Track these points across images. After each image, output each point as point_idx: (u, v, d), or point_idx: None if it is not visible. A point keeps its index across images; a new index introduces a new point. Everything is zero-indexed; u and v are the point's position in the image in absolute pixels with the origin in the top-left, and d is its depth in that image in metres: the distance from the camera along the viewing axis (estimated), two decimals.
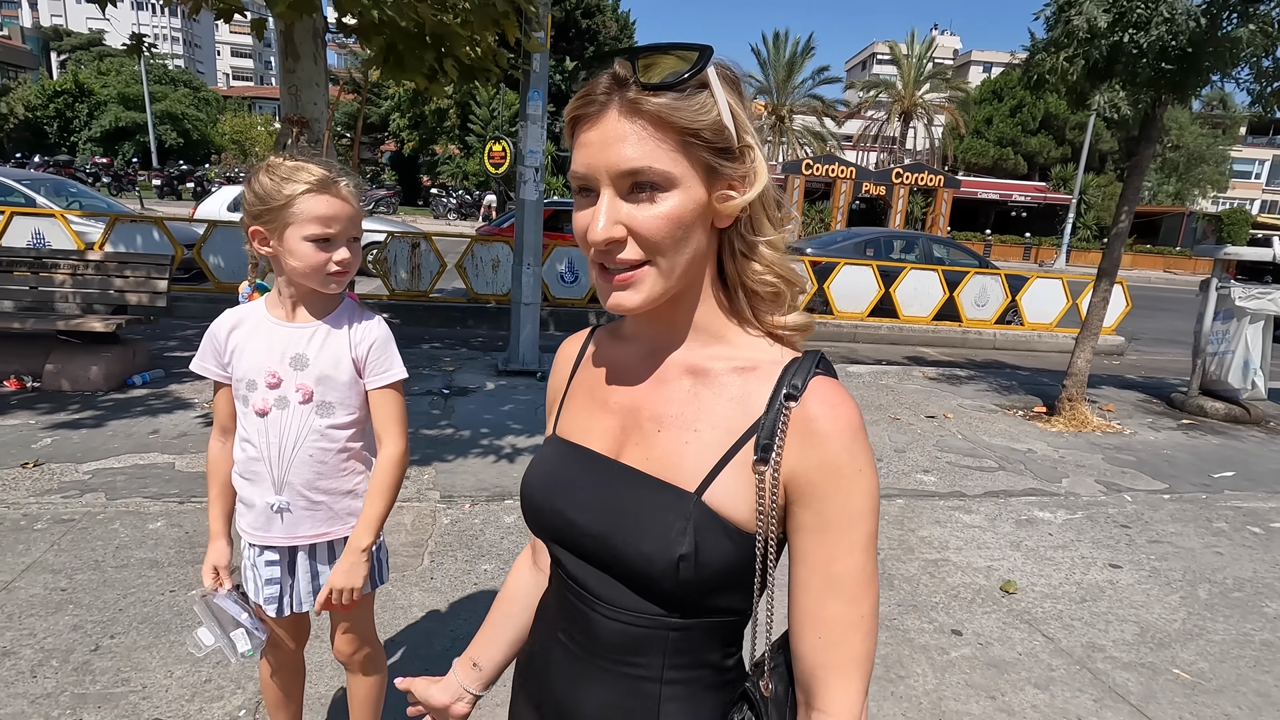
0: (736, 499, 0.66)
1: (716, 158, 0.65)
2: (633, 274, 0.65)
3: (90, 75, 35.34)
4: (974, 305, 10.16)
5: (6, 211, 7.90)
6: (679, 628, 0.69)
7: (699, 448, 0.68)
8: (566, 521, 0.73)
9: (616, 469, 0.72)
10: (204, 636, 1.43)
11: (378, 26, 3.98)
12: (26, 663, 2.07)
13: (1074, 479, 4.32)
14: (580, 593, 0.72)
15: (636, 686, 0.71)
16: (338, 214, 1.29)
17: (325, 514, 1.45)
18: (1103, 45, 4.74)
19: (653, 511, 0.67)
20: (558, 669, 0.76)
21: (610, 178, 0.63)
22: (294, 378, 1.37)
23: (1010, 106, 33.29)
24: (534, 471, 0.79)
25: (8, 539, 2.72)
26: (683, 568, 0.64)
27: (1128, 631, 2.71)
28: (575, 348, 0.86)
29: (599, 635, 0.71)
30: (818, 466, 0.64)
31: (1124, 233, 5.44)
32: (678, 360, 0.73)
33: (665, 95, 0.62)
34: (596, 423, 0.77)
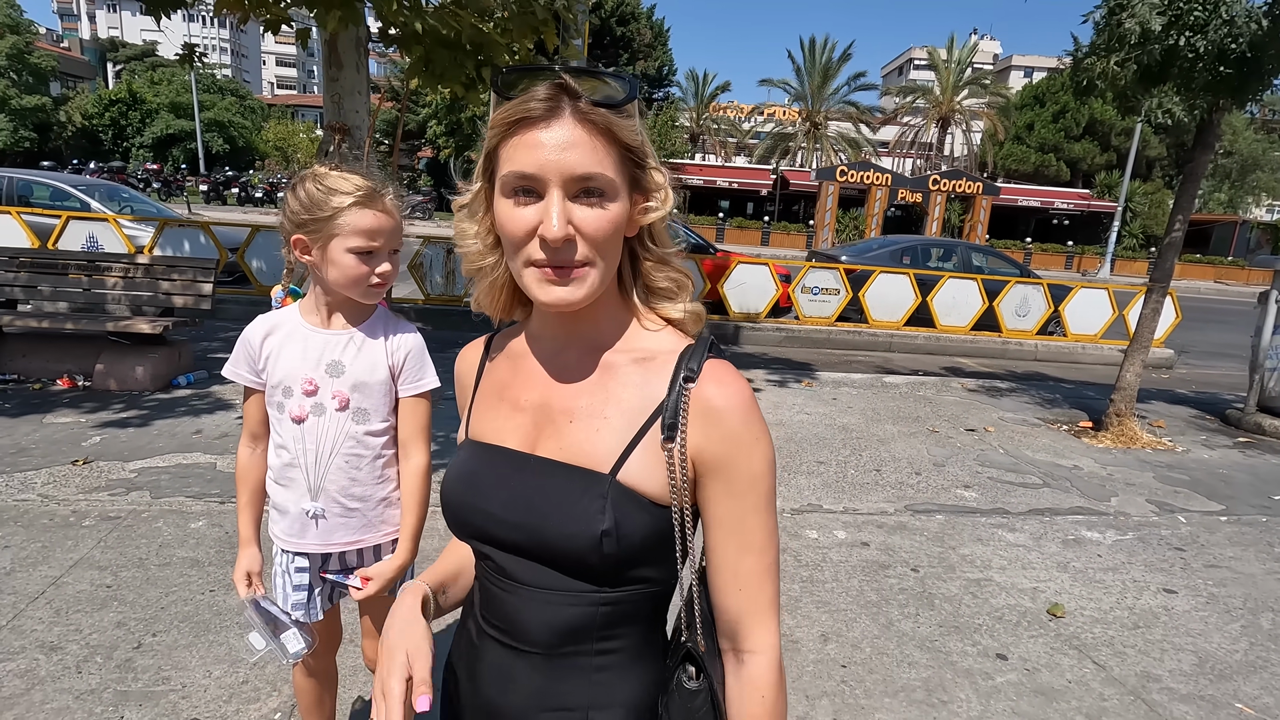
0: (648, 475, 0.72)
1: (639, 172, 0.73)
2: (578, 272, 0.69)
3: (143, 85, 36.71)
4: (1014, 315, 9.89)
5: (63, 216, 8.21)
6: (608, 601, 0.74)
7: (609, 433, 0.73)
8: (490, 518, 0.76)
9: (533, 462, 0.76)
10: (256, 641, 1.44)
11: (418, 36, 4.04)
12: (73, 658, 2.11)
13: (1124, 498, 4.16)
14: (509, 584, 0.76)
15: (569, 663, 0.75)
16: (381, 227, 1.29)
17: (359, 521, 1.45)
18: (1156, 49, 4.57)
19: (572, 495, 0.72)
20: (489, 665, 0.78)
21: (562, 180, 0.67)
22: (330, 384, 1.38)
23: (1053, 112, 32.54)
24: (451, 476, 0.81)
25: (57, 535, 2.80)
26: (605, 542, 0.69)
27: (1185, 661, 2.58)
28: (477, 354, 0.90)
29: (532, 621, 0.75)
30: (720, 440, 0.71)
31: (1178, 243, 5.23)
32: (584, 355, 0.78)
33: (611, 112, 0.68)
34: (508, 421, 0.80)
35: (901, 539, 3.40)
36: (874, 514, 3.65)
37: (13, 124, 33.12)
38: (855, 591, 2.88)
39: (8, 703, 1.92)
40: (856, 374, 7.08)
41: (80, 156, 32.84)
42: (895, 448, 4.75)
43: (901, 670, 2.39)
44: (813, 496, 3.80)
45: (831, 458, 4.44)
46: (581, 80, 0.69)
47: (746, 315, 9.20)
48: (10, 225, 8.05)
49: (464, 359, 0.91)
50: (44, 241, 8.00)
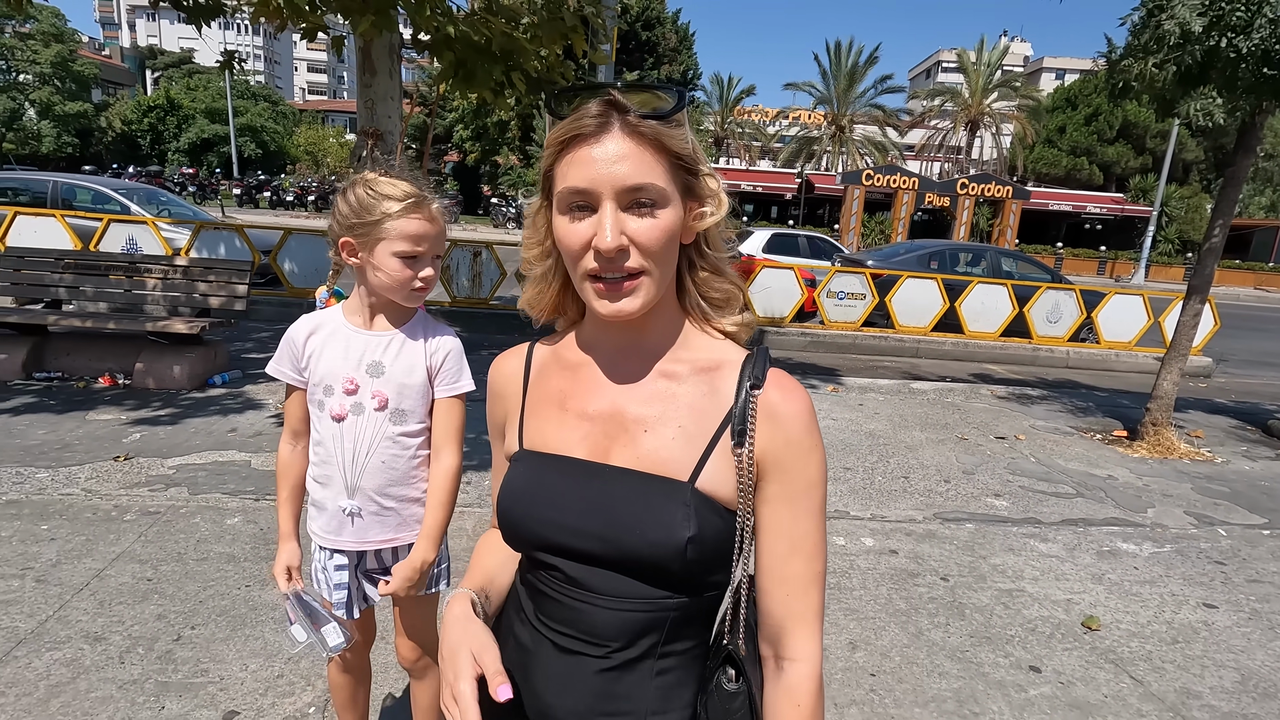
0: (722, 481, 0.74)
1: (692, 180, 0.74)
2: (633, 282, 0.71)
3: (180, 91, 37.69)
4: (1045, 321, 9.72)
5: (104, 219, 8.46)
6: (678, 607, 0.75)
7: (684, 441, 0.75)
8: (561, 528, 0.76)
9: (608, 471, 0.76)
10: (297, 634, 1.49)
11: (449, 42, 4.10)
12: (116, 649, 2.17)
13: (1160, 509, 4.06)
14: (581, 593, 0.76)
15: (632, 668, 0.75)
16: (426, 233, 1.32)
17: (394, 520, 1.48)
18: (1196, 50, 4.47)
19: (655, 504, 0.72)
20: (547, 671, 0.78)
21: (614, 192, 0.69)
22: (370, 384, 1.40)
23: (1085, 114, 31.91)
24: (512, 487, 0.81)
25: (100, 528, 2.88)
26: (690, 549, 0.71)
27: (1227, 678, 2.51)
28: (518, 363, 0.89)
29: (601, 629, 0.75)
30: (783, 444, 0.73)
31: (1217, 249, 5.10)
32: (648, 364, 0.79)
33: (659, 123, 0.70)
34: (574, 431, 0.80)
35: (931, 547, 3.35)
36: (902, 521, 3.61)
37: (56, 130, 34.21)
38: (884, 599, 2.85)
39: (55, 690, 1.98)
40: (883, 379, 7.00)
41: (119, 161, 33.83)
42: (923, 455, 4.69)
43: (932, 680, 2.36)
44: (840, 503, 3.77)
45: (859, 464, 4.40)
46: (630, 94, 0.71)
47: (771, 320, 9.16)
48: (54, 227, 8.32)
49: (503, 368, 0.90)
50: (86, 243, 8.25)
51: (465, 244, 8.89)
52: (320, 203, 28.20)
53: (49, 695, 1.96)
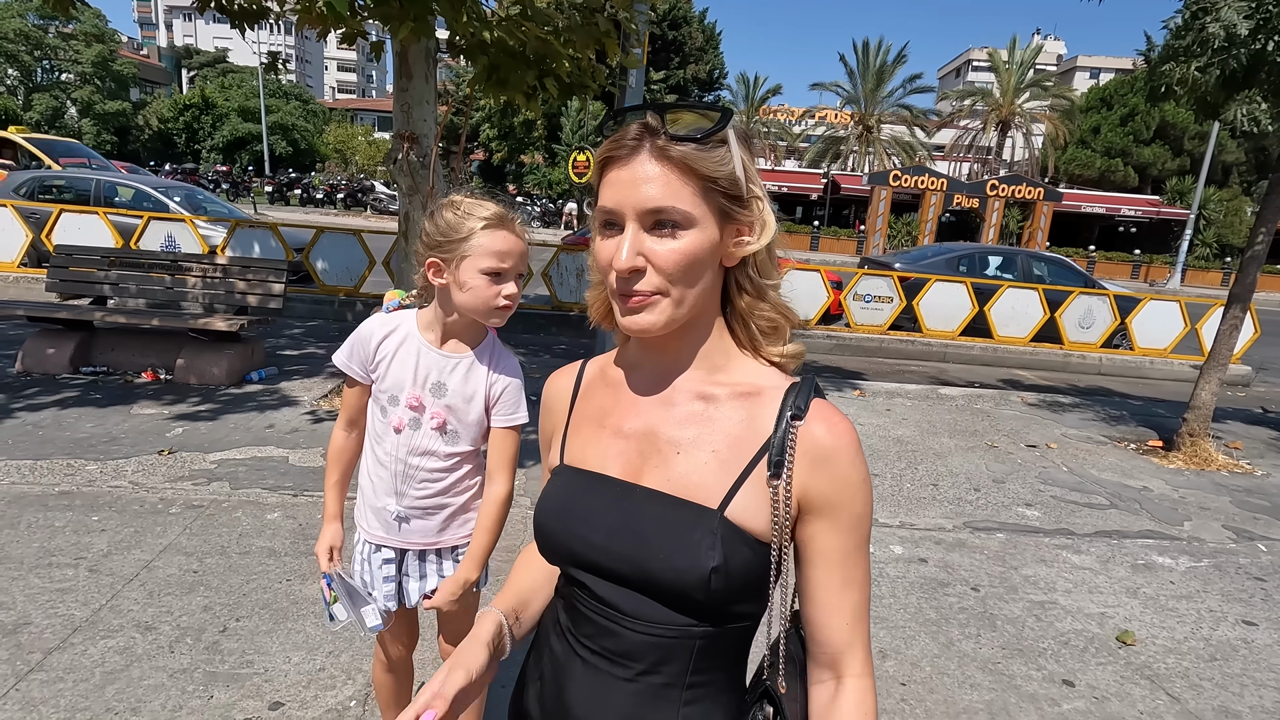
0: (754, 512, 0.72)
1: (731, 204, 0.73)
2: (650, 300, 0.72)
3: (215, 90, 38.48)
4: (1077, 327, 9.55)
5: (144, 216, 8.70)
6: (704, 636, 0.74)
7: (716, 467, 0.74)
8: (591, 546, 0.77)
9: (639, 492, 0.76)
10: (338, 612, 1.54)
11: (483, 46, 4.14)
12: (165, 638, 2.25)
13: (1198, 522, 3.98)
14: (608, 612, 0.76)
15: (659, 693, 0.75)
16: (511, 249, 1.35)
17: (438, 525, 1.52)
18: (1242, 54, 4.38)
19: (681, 530, 0.72)
20: (578, 686, 0.79)
21: (636, 214, 0.70)
22: (432, 404, 1.44)
23: (1121, 115, 31.23)
24: (547, 501, 0.82)
25: (147, 520, 2.97)
26: (714, 579, 0.70)
27: (1267, 698, 2.46)
28: (569, 380, 0.90)
29: (627, 649, 0.75)
30: (829, 480, 0.72)
31: (1261, 255, 4.99)
32: (686, 386, 0.79)
33: (690, 146, 0.70)
34: (610, 449, 0.81)
35: (961, 556, 3.33)
36: (931, 530, 3.59)
37: (96, 128, 35.14)
38: (914, 609, 2.84)
39: (110, 677, 2.06)
40: (910, 384, 6.94)
41: (156, 159, 34.63)
42: (952, 462, 4.65)
43: (963, 691, 2.35)
44: None
45: (886, 470, 4.38)
46: (678, 114, 0.71)
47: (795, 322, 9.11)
48: (97, 225, 8.57)
49: (555, 384, 0.92)
50: (127, 240, 8.49)
51: None
52: (349, 200, 28.63)
53: (104, 682, 2.04)
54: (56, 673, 2.06)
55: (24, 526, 2.84)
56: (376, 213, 27.31)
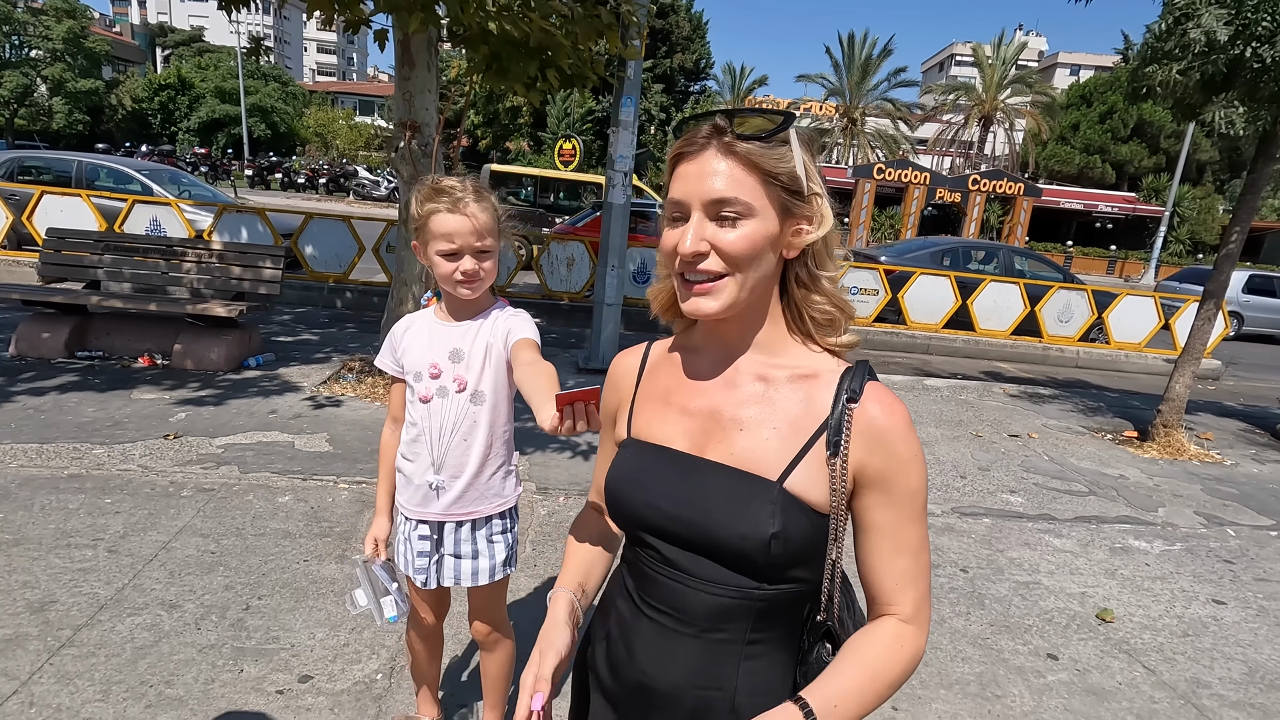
0: (812, 485, 0.79)
1: (791, 199, 0.79)
2: (712, 284, 0.79)
3: (191, 70, 37.63)
4: (1056, 321, 9.81)
5: (129, 199, 8.57)
6: (764, 597, 0.81)
7: (777, 443, 0.81)
8: (660, 512, 0.84)
9: (704, 465, 0.84)
10: (359, 597, 1.62)
11: (486, 36, 4.18)
12: (191, 616, 2.31)
13: (1171, 509, 4.18)
14: (675, 574, 0.84)
15: (721, 649, 0.83)
16: (458, 230, 1.42)
17: (475, 493, 1.60)
18: (1221, 59, 4.54)
19: (744, 499, 0.79)
20: (645, 643, 0.86)
21: (701, 204, 0.78)
22: (452, 370, 1.54)
23: (1100, 112, 31.74)
24: (618, 471, 0.90)
25: (160, 503, 3.01)
26: (773, 544, 0.77)
27: (1235, 670, 2.64)
28: (635, 360, 0.98)
29: (692, 608, 0.83)
30: (884, 457, 0.79)
31: (1234, 254, 5.18)
32: (747, 369, 0.86)
33: (754, 144, 0.77)
34: (675, 425, 0.88)
35: (950, 540, 3.48)
36: None
37: (68, 107, 34.22)
38: None
39: (140, 652, 2.12)
40: (896, 375, 7.11)
41: (130, 140, 33.84)
42: (939, 450, 4.81)
43: (955, 664, 2.49)
44: None
45: None
46: (741, 118, 0.78)
47: None
48: (80, 207, 8.44)
49: (622, 362, 1.00)
50: (110, 223, 8.37)
51: None
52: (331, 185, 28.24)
53: (136, 657, 2.10)
54: (88, 648, 2.11)
55: (38, 508, 2.87)
56: (360, 198, 26.99)
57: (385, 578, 1.64)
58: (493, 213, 1.46)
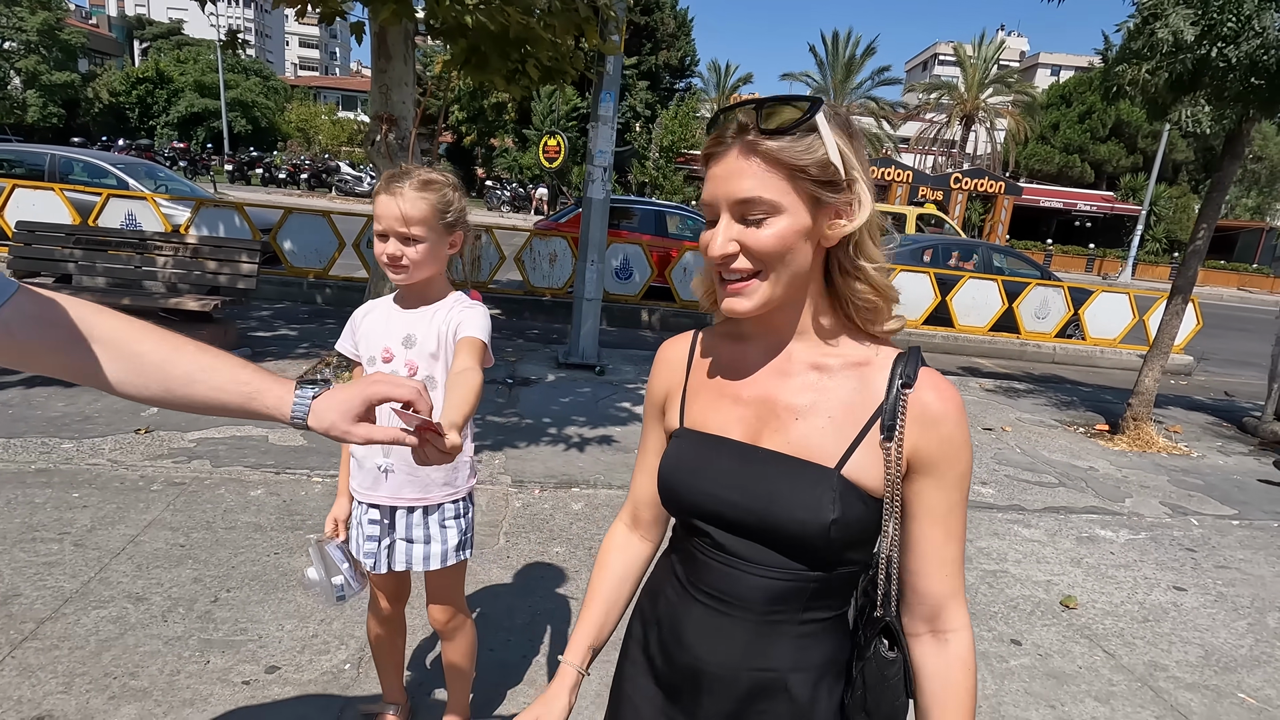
0: (867, 471, 0.80)
1: (821, 190, 0.77)
2: (745, 284, 0.79)
3: (169, 63, 37.04)
4: (1034, 317, 9.94)
5: (104, 194, 8.44)
6: (817, 580, 0.83)
7: (833, 431, 0.82)
8: (718, 500, 0.85)
9: (760, 454, 0.84)
10: (311, 574, 1.64)
11: (464, 29, 4.17)
12: (157, 608, 2.30)
13: (1138, 499, 4.26)
14: (726, 558, 0.85)
15: (774, 630, 0.84)
16: (385, 213, 1.45)
17: (424, 480, 1.60)
18: (1188, 58, 4.63)
19: (803, 486, 0.80)
20: (698, 626, 0.87)
21: (728, 205, 0.78)
22: (404, 354, 1.55)
23: (1079, 112, 32.15)
24: (674, 460, 0.90)
25: (129, 497, 2.99)
26: (833, 529, 0.78)
27: (1191, 653, 2.70)
28: (682, 349, 0.97)
29: (746, 593, 0.84)
30: (937, 441, 0.79)
31: (1201, 250, 5.29)
32: (800, 357, 0.86)
33: (777, 139, 0.75)
34: (730, 414, 0.88)
35: None
36: None
37: (42, 100, 33.56)
38: None
39: (105, 645, 2.11)
40: None
41: (107, 134, 33.27)
42: None
43: None
44: None
45: None
46: (769, 109, 0.76)
47: None
48: (53, 201, 8.29)
49: (669, 351, 0.99)
50: (85, 218, 8.24)
51: None
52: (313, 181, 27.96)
53: (100, 649, 2.09)
54: (51, 641, 2.10)
55: (3, 503, 2.83)
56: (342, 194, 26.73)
57: (338, 557, 1.65)
58: (431, 205, 1.46)
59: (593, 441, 4.21)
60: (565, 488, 3.57)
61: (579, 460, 3.91)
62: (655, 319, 9.13)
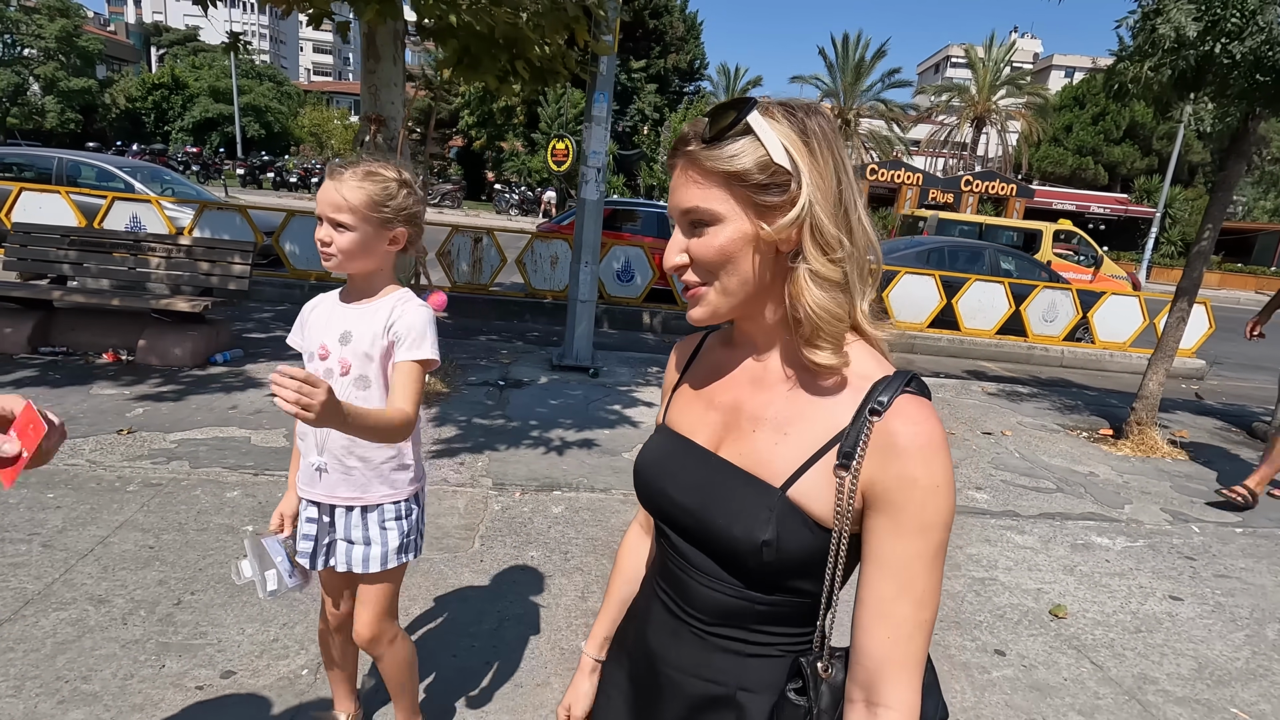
0: (817, 497, 0.73)
1: (759, 194, 0.72)
2: (694, 292, 0.79)
3: (185, 69, 37.52)
4: (1041, 320, 9.79)
5: (109, 196, 8.52)
6: (764, 603, 0.78)
7: (787, 449, 0.77)
8: (670, 501, 0.85)
9: (714, 461, 0.82)
10: (244, 567, 1.60)
11: (453, 29, 4.14)
12: (119, 610, 2.27)
13: (1138, 505, 4.15)
14: (680, 562, 0.84)
15: (724, 643, 0.81)
16: (321, 197, 1.42)
17: (359, 479, 1.56)
18: (1191, 55, 4.52)
19: (742, 500, 0.77)
20: (656, 623, 0.88)
21: (677, 216, 0.78)
22: (339, 352, 1.51)
23: (1093, 114, 31.82)
24: (645, 455, 0.92)
25: (104, 498, 2.98)
26: (765, 551, 0.73)
27: (1184, 666, 2.61)
28: (688, 348, 0.98)
29: (694, 600, 0.83)
30: (895, 478, 0.69)
31: (1206, 251, 5.18)
32: (775, 368, 0.83)
33: (712, 147, 0.73)
34: (701, 417, 0.88)
35: None
36: None
37: (60, 106, 34.12)
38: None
39: (61, 647, 2.08)
40: None
41: (123, 139, 33.74)
42: None
43: None
44: None
45: None
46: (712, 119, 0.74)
47: None
48: (59, 204, 8.38)
49: (679, 350, 1.00)
50: (90, 220, 8.31)
51: (466, 230, 8.95)
52: None
53: (55, 652, 2.06)
54: (7, 643, 2.07)
55: None
56: None
57: (274, 550, 1.61)
58: (367, 195, 1.42)
59: (578, 444, 4.16)
60: (547, 490, 3.52)
61: (563, 463, 3.86)
62: (657, 322, 9.09)
